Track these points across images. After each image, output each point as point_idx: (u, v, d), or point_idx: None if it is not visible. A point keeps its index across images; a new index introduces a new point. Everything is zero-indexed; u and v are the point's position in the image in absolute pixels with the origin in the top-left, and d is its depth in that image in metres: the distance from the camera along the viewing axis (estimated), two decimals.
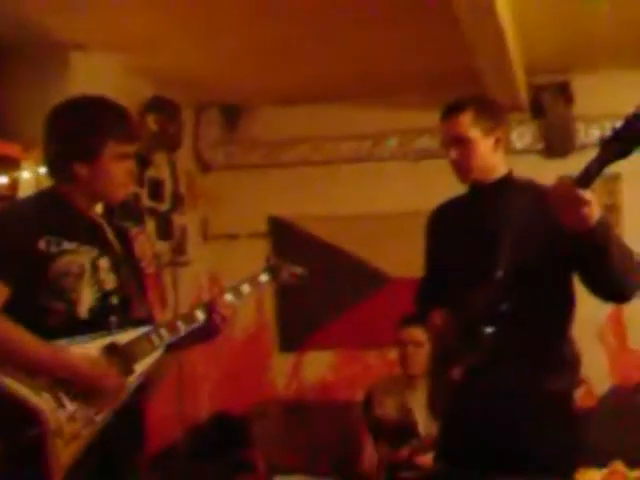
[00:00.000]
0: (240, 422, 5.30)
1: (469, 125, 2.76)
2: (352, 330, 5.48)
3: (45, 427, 2.24)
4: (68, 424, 2.28)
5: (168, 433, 4.75)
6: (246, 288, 2.82)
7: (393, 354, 4.97)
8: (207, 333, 2.69)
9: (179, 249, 5.42)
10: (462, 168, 2.80)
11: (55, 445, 2.25)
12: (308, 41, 4.50)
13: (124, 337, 2.45)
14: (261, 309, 5.72)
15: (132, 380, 2.44)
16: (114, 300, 2.50)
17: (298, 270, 3.05)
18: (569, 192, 2.24)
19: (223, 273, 5.66)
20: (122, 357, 2.43)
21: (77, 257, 2.43)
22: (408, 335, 4.18)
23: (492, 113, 2.84)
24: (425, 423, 4.02)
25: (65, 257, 2.40)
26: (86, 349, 2.37)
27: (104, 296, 2.47)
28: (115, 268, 2.53)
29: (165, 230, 5.33)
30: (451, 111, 2.80)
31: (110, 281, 2.50)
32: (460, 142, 2.77)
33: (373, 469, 4.22)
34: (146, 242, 4.92)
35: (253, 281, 2.87)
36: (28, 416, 2.24)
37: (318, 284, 5.48)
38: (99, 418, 2.35)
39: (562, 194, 2.27)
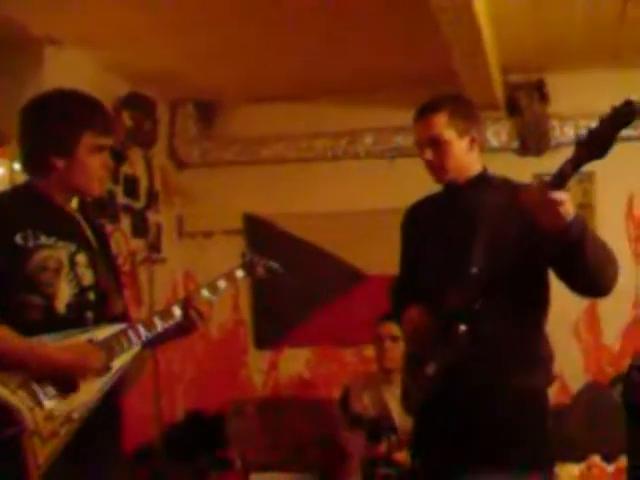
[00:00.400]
0: (216, 420, 5.29)
1: (444, 126, 2.74)
2: (328, 327, 5.48)
3: (22, 426, 2.22)
4: (45, 423, 2.26)
5: (144, 431, 4.73)
6: (222, 284, 2.77)
7: (369, 351, 4.99)
8: (184, 329, 2.66)
9: (154, 246, 5.40)
10: (437, 169, 2.79)
11: (32, 444, 2.23)
12: (284, 38, 4.50)
13: (101, 333, 2.43)
14: (237, 306, 5.71)
15: (109, 377, 2.42)
16: (91, 296, 2.48)
17: (274, 265, 3.01)
18: (542, 195, 2.27)
19: (198, 270, 5.66)
20: None
21: (55, 252, 2.41)
22: (385, 329, 4.20)
23: (467, 113, 2.83)
24: (401, 417, 4.03)
25: (43, 252, 2.38)
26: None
27: (81, 291, 2.45)
28: (92, 264, 2.51)
29: (140, 227, 5.30)
30: (425, 111, 2.78)
31: (88, 277, 2.47)
32: (435, 143, 2.75)
33: (352, 465, 4.22)
34: (121, 239, 4.94)
35: (229, 276, 2.83)
36: (4, 415, 2.21)
37: (294, 282, 5.52)
38: (77, 416, 2.32)
39: (536, 198, 2.30)
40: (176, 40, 4.47)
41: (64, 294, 2.40)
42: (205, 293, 2.70)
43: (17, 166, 3.94)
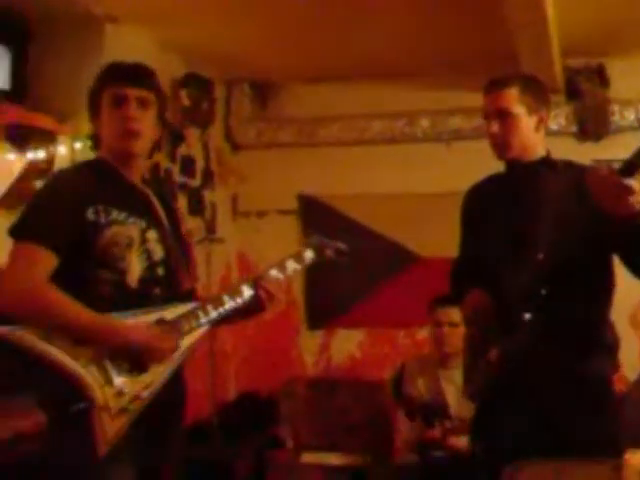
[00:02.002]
0: (268, 400, 5.32)
1: (514, 100, 2.73)
2: (381, 309, 5.47)
3: (91, 402, 2.24)
4: (115, 399, 2.28)
5: (199, 409, 4.77)
6: (291, 264, 2.73)
7: (422, 334, 4.98)
8: (251, 310, 2.65)
9: (210, 226, 5.44)
10: (501, 143, 2.76)
11: (101, 419, 2.25)
12: (341, 19, 4.47)
13: (171, 313, 2.43)
14: (290, 287, 5.72)
15: (178, 357, 2.42)
16: (160, 271, 2.48)
17: (342, 246, 2.96)
18: (613, 180, 2.23)
19: (252, 250, 5.69)
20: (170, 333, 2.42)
21: (126, 228, 2.41)
22: (444, 315, 4.16)
23: (538, 92, 2.81)
24: (457, 404, 4.02)
25: (114, 227, 2.38)
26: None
27: (151, 266, 2.45)
28: (163, 240, 2.51)
29: (196, 206, 5.34)
30: (497, 84, 2.76)
31: (158, 252, 2.48)
32: (503, 116, 2.73)
33: (405, 447, 4.22)
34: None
35: (298, 257, 2.78)
36: (75, 390, 2.23)
37: (348, 263, 5.53)
38: (145, 394, 2.34)
39: (605, 181, 2.26)
40: (233, 21, 4.47)
41: (135, 269, 2.41)
42: (274, 273, 2.66)
43: (78, 145, 4.02)
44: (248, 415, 5.15)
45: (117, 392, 2.28)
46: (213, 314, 2.51)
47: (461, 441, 3.79)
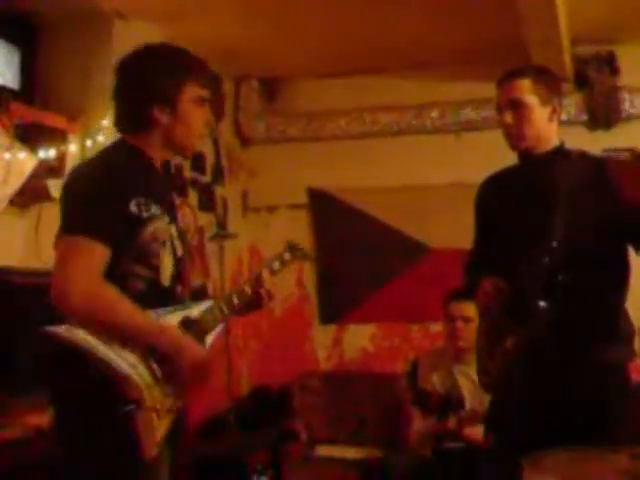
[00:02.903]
0: (281, 394, 5.33)
1: (527, 90, 2.74)
2: (393, 303, 5.46)
3: (140, 402, 2.19)
4: (163, 399, 2.26)
5: (213, 404, 4.78)
6: (276, 264, 2.86)
7: (435, 327, 4.97)
8: (248, 308, 2.71)
9: (221, 221, 5.43)
10: (515, 134, 2.77)
11: (151, 420, 2.21)
12: (349, 14, 4.47)
13: (194, 311, 2.44)
14: (302, 281, 5.73)
15: None
16: (180, 268, 2.47)
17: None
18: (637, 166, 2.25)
19: (262, 245, 5.70)
20: (196, 331, 2.41)
21: (163, 223, 2.37)
22: (458, 310, 4.15)
23: (551, 83, 2.83)
24: (471, 398, 4.02)
25: (154, 222, 2.33)
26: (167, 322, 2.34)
27: (176, 263, 2.44)
28: (180, 235, 2.51)
29: (207, 202, 5.34)
30: (510, 75, 2.78)
31: (179, 248, 2.46)
32: (516, 107, 2.74)
33: (419, 440, 4.22)
34: (190, 214, 4.98)
35: (280, 257, 2.92)
36: (123, 390, 2.18)
37: (359, 256, 5.53)
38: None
39: (632, 168, 2.28)
40: (241, 17, 4.47)
41: (167, 266, 2.40)
42: (266, 273, 2.75)
43: (89, 143, 4.02)
44: (262, 409, 5.15)
45: (164, 392, 2.26)
46: (227, 312, 2.55)
47: (476, 431, 3.78)
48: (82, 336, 2.17)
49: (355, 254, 5.54)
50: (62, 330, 2.17)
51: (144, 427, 2.19)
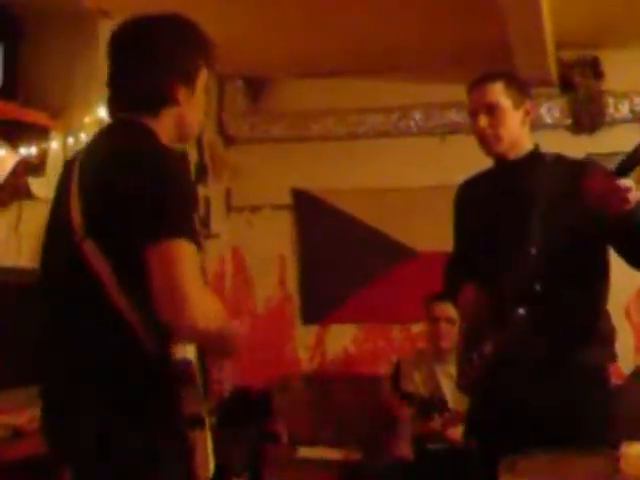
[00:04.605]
0: (263, 395, 5.32)
1: (501, 94, 2.76)
2: (376, 304, 5.46)
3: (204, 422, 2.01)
4: (209, 417, 2.05)
5: None
6: None
7: (417, 328, 4.97)
8: None
9: (204, 221, 5.42)
10: (490, 138, 2.77)
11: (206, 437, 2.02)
12: (333, 14, 4.46)
13: None
14: (284, 282, 5.72)
15: None
16: None
17: None
18: (609, 183, 2.27)
19: (245, 245, 5.69)
20: None
21: None
22: (441, 311, 4.15)
23: (521, 86, 2.86)
24: (454, 395, 4.02)
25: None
26: None
27: None
28: None
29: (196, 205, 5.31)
30: (482, 80, 2.79)
31: None
32: (490, 110, 2.75)
33: (401, 440, 4.23)
34: None
35: None
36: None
37: (342, 257, 5.52)
38: None
39: (603, 186, 2.30)
40: (225, 16, 4.45)
41: None
42: None
43: (71, 140, 4.00)
44: (243, 410, 5.14)
45: (209, 410, 2.06)
46: None
47: (459, 432, 3.79)
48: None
49: (338, 255, 5.54)
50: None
51: (205, 446, 1.98)
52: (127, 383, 1.95)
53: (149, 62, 2.10)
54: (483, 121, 2.76)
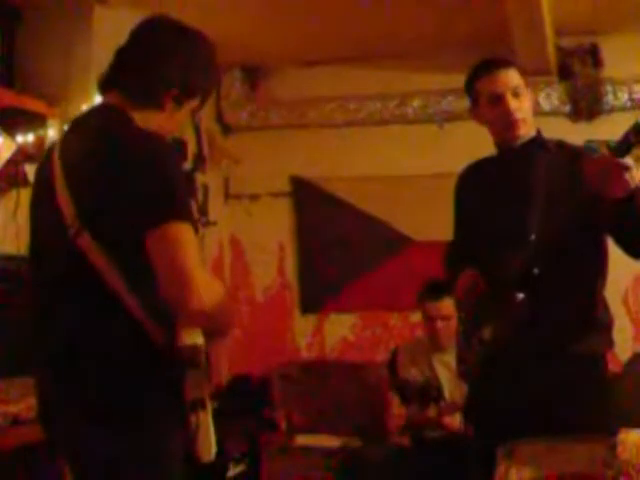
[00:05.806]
0: (261, 383, 5.33)
1: (520, 77, 2.75)
2: (374, 292, 5.46)
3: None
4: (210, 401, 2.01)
5: None
6: None
7: (415, 317, 4.97)
8: None
9: (203, 209, 5.41)
10: (519, 121, 2.73)
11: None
12: (331, 1, 4.45)
13: None
14: (282, 270, 5.72)
15: None
16: None
17: None
18: (609, 163, 2.26)
19: (244, 232, 5.69)
20: None
21: None
22: (435, 309, 4.15)
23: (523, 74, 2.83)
24: (450, 387, 4.03)
25: None
26: None
27: None
28: None
29: (189, 189, 5.31)
30: (502, 64, 2.76)
31: None
32: (516, 93, 2.73)
33: (398, 429, 4.23)
34: None
35: None
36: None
37: (340, 246, 5.52)
38: None
39: (602, 165, 2.29)
40: (223, 4, 4.44)
41: None
42: None
43: (66, 127, 3.98)
44: (242, 398, 5.15)
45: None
46: None
47: (455, 420, 3.80)
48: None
49: (337, 243, 5.54)
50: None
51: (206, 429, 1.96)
52: (128, 369, 1.96)
53: (159, 62, 2.17)
54: (514, 103, 2.72)
